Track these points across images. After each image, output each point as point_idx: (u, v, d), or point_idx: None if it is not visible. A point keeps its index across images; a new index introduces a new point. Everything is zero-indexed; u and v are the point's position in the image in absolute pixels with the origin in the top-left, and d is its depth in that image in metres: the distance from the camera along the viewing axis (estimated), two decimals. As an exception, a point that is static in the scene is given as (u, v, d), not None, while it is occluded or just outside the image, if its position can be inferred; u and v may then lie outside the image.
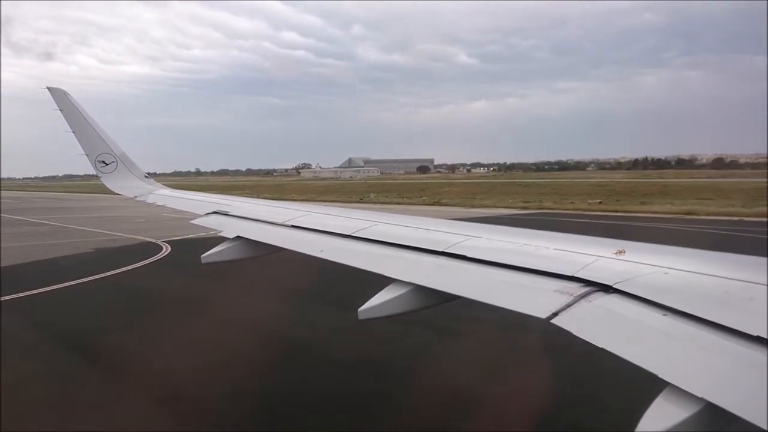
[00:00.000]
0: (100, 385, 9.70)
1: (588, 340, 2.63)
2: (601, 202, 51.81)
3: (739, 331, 2.35)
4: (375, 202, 60.84)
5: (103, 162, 9.17)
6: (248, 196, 16.83)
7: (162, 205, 8.67)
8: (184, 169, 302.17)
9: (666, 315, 2.66)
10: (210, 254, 5.81)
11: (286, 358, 11.12)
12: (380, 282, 3.95)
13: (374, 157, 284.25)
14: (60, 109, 8.79)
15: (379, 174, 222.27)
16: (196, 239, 27.84)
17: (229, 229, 6.20)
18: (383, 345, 11.33)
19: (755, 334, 2.28)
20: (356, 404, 8.92)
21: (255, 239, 5.78)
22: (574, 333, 2.71)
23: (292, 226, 5.82)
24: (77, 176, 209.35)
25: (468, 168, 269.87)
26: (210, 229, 6.98)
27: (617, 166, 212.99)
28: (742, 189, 62.99)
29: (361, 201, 61.46)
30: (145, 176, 9.80)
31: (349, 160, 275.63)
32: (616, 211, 43.93)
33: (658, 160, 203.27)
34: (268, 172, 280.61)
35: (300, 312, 14.84)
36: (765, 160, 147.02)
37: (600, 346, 2.57)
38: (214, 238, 6.52)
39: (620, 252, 3.46)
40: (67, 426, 8.01)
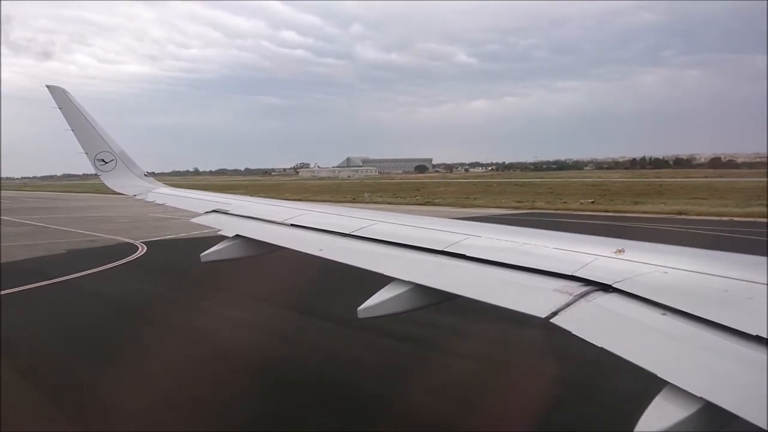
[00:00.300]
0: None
1: (587, 340, 2.63)
2: (593, 202, 51.67)
3: (738, 331, 2.36)
4: (367, 202, 60.49)
5: (103, 160, 9.14)
6: (243, 196, 16.63)
7: (161, 204, 8.64)
8: (182, 169, 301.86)
9: (665, 314, 2.66)
10: (209, 253, 5.80)
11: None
12: (380, 281, 3.95)
13: (373, 156, 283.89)
14: (59, 108, 8.76)
15: (377, 173, 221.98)
16: (176, 240, 27.42)
17: (229, 227, 6.19)
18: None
19: (755, 334, 2.29)
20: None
21: (254, 238, 5.78)
22: (573, 332, 2.71)
23: (292, 224, 5.82)
24: (75, 175, 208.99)
25: (466, 168, 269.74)
26: (204, 227, 6.80)
27: (615, 165, 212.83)
28: (737, 189, 62.92)
29: (354, 201, 61.07)
30: (145, 175, 9.78)
31: (348, 160, 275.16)
32: (607, 211, 43.85)
33: (656, 160, 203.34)
34: (266, 172, 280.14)
35: (263, 322, 13.31)
36: (763, 160, 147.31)
37: (599, 345, 2.57)
38: (193, 239, 6.42)
39: (620, 251, 3.47)
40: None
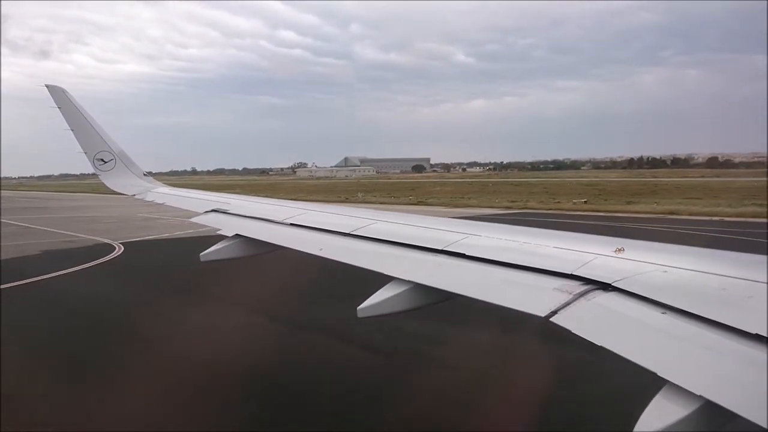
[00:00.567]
0: None
1: (587, 338, 2.64)
2: (586, 202, 51.78)
3: (738, 329, 2.36)
4: (360, 202, 60.27)
5: (102, 160, 9.12)
6: (241, 195, 16.54)
7: (161, 203, 8.63)
8: (180, 169, 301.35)
9: (665, 313, 2.67)
10: (209, 252, 5.80)
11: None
12: (380, 280, 3.96)
13: (371, 156, 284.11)
14: (59, 107, 8.73)
15: (374, 173, 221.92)
16: (157, 240, 27.00)
17: (228, 227, 6.18)
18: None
19: (754, 332, 2.29)
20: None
21: (254, 237, 5.77)
22: (573, 331, 2.72)
23: (291, 224, 5.82)
24: (72, 175, 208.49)
25: (464, 167, 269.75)
26: (189, 227, 6.73)
27: (612, 165, 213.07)
28: (732, 188, 62.94)
29: (346, 201, 60.79)
30: (144, 175, 9.77)
31: (346, 160, 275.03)
32: (598, 210, 43.97)
33: (654, 160, 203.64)
34: (264, 172, 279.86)
35: (206, 327, 12.76)
36: (759, 160, 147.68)
37: (599, 344, 2.58)
38: (176, 239, 6.33)
39: (619, 250, 3.48)
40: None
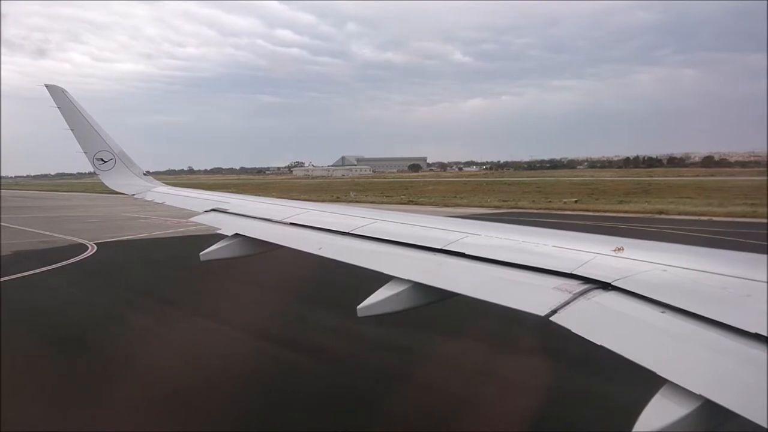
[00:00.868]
0: None
1: (586, 338, 2.65)
2: (577, 201, 51.84)
3: (737, 328, 2.38)
4: (351, 201, 60.19)
5: (101, 160, 9.10)
6: (240, 194, 16.41)
7: (160, 203, 8.61)
8: (177, 168, 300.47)
9: (664, 312, 2.68)
10: (208, 252, 5.79)
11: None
12: (380, 279, 3.96)
13: (368, 155, 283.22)
14: (58, 107, 8.70)
15: (371, 172, 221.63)
16: (133, 241, 26.87)
17: (228, 226, 6.16)
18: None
19: (753, 331, 2.31)
20: None
21: (253, 237, 5.77)
22: (572, 330, 2.73)
23: (291, 223, 5.81)
24: (69, 174, 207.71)
25: (460, 167, 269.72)
26: (169, 227, 6.68)
27: (608, 164, 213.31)
28: (725, 188, 62.94)
29: (337, 200, 60.56)
30: (143, 174, 9.75)
31: (342, 159, 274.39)
32: (588, 210, 44.05)
33: (650, 159, 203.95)
34: (261, 171, 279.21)
35: (153, 328, 12.67)
36: (756, 159, 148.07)
37: (598, 343, 2.58)
38: (153, 239, 6.21)
39: (619, 249, 3.49)
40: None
